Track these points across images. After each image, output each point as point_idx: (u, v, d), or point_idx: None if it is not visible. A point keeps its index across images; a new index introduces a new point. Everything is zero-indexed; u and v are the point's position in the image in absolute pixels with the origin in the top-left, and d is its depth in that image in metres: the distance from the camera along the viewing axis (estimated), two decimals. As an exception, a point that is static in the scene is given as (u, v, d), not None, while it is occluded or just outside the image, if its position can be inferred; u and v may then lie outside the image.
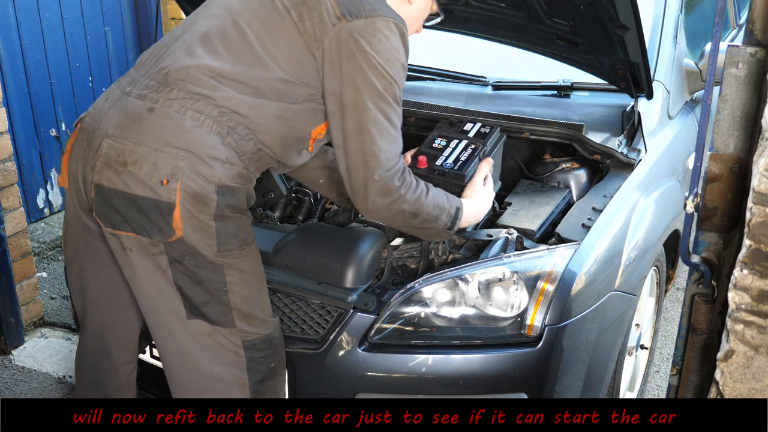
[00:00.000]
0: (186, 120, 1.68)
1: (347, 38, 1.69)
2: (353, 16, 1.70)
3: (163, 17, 4.45)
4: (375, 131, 1.72)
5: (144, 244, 1.69)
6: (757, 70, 1.38)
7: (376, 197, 1.75)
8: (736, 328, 1.25)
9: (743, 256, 1.21)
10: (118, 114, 1.72)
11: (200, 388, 1.80)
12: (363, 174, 1.74)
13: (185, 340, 1.77)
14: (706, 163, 1.48)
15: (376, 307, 1.94)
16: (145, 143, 1.66)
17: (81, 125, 1.80)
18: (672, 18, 2.79)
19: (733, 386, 1.29)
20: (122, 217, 1.68)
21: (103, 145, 1.69)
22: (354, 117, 1.72)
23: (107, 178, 1.68)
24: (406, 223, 1.85)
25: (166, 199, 1.64)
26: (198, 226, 1.67)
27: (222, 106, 1.70)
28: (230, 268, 1.73)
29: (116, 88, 1.81)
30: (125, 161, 1.67)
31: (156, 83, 1.73)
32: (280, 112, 1.74)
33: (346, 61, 1.70)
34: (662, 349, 3.05)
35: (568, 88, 2.70)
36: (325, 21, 1.70)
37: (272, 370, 1.85)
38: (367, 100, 1.70)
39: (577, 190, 2.38)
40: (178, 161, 1.64)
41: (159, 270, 1.71)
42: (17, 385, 2.79)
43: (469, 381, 1.88)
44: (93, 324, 1.98)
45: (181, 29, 1.84)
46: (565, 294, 1.89)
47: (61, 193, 4.14)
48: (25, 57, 3.78)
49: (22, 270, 3.03)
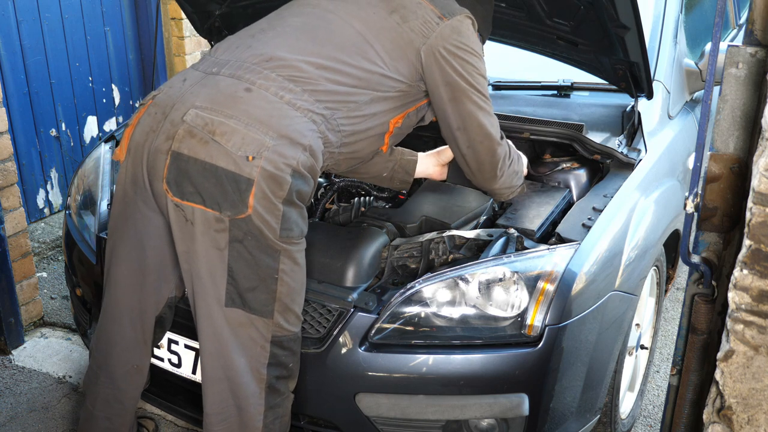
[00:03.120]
0: (282, 104, 1.76)
1: (450, 34, 1.94)
2: (450, 15, 1.96)
3: (163, 17, 4.45)
4: (486, 106, 2.02)
5: (209, 218, 1.71)
6: (757, 70, 1.38)
7: (501, 158, 2.09)
8: (736, 328, 1.25)
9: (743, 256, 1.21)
10: (206, 89, 1.78)
11: (226, 376, 1.82)
12: (489, 145, 2.04)
13: (221, 327, 1.79)
14: (706, 163, 1.48)
15: (376, 306, 1.94)
16: (236, 117, 1.72)
17: (153, 101, 1.84)
18: (672, 18, 2.79)
19: (733, 386, 1.29)
20: (195, 187, 1.70)
21: (189, 114, 1.73)
22: (470, 98, 1.98)
23: (189, 147, 1.71)
24: (507, 180, 2.16)
25: (247, 174, 1.68)
26: (268, 207, 1.70)
27: (318, 95, 1.81)
28: (286, 256, 1.76)
29: (194, 71, 1.88)
30: (214, 131, 1.70)
31: (252, 65, 1.81)
32: (371, 101, 1.90)
33: (455, 53, 1.94)
34: (662, 349, 3.05)
35: (568, 88, 2.70)
36: (429, 21, 1.94)
37: (290, 371, 1.87)
38: (475, 82, 1.99)
39: (577, 190, 2.38)
40: (266, 140, 1.70)
41: (216, 249, 1.73)
42: (17, 385, 2.79)
43: (469, 381, 1.88)
44: (111, 305, 1.99)
45: (266, 24, 1.98)
46: (566, 294, 1.89)
47: (61, 193, 4.14)
48: (25, 57, 3.78)
49: (22, 270, 3.03)
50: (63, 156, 4.11)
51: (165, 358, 2.14)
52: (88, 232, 2.42)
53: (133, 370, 2.02)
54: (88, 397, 2.08)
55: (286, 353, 1.84)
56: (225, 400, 1.84)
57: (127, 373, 2.02)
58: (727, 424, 1.32)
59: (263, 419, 1.84)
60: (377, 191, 2.52)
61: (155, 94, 1.86)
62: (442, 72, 1.94)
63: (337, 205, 2.45)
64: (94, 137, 4.30)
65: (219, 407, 1.85)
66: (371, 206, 2.36)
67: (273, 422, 1.86)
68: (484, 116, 2.01)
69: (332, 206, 2.47)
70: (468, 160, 2.07)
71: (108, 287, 2.00)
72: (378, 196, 2.50)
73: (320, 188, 2.51)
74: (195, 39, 4.57)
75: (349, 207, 2.39)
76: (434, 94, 1.99)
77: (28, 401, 2.70)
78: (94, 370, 2.06)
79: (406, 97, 1.98)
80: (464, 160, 2.08)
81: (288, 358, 1.85)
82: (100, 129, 4.34)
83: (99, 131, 4.33)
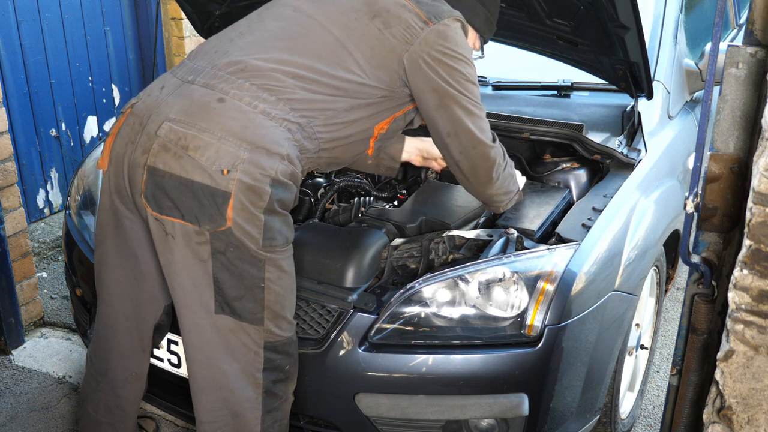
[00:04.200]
0: (256, 114, 1.72)
1: (435, 40, 1.85)
2: (437, 19, 1.86)
3: (163, 17, 4.45)
4: (476, 110, 1.94)
5: (189, 232, 1.70)
6: (757, 70, 1.38)
7: (495, 161, 2.01)
8: (736, 328, 1.25)
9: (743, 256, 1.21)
10: (180, 100, 1.75)
11: (217, 384, 1.81)
12: (481, 150, 1.96)
13: (210, 335, 1.78)
14: (706, 163, 1.48)
15: (376, 306, 1.94)
16: (209, 131, 1.69)
17: (132, 110, 1.81)
18: (672, 18, 2.79)
19: (733, 386, 1.29)
20: (173, 202, 1.69)
21: (163, 128, 1.70)
22: (458, 104, 1.90)
23: (164, 162, 1.69)
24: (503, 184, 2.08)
25: (224, 188, 1.66)
26: (248, 218, 1.68)
27: (294, 104, 1.77)
28: (271, 265, 1.74)
29: (172, 77, 1.84)
30: (186, 146, 1.68)
31: (226, 74, 1.77)
32: (350, 108, 1.85)
33: (440, 59, 1.86)
34: (662, 349, 3.05)
35: (568, 88, 2.70)
36: (413, 26, 1.85)
37: (287, 373, 1.86)
38: (463, 89, 1.90)
39: (577, 190, 2.38)
40: (240, 152, 1.67)
41: (199, 261, 1.72)
42: (17, 385, 2.79)
43: (469, 381, 1.88)
44: (107, 313, 1.98)
45: (246, 26, 1.91)
46: (565, 294, 1.89)
47: (61, 193, 4.14)
48: (25, 57, 3.78)
49: (22, 270, 3.03)
50: (63, 156, 4.11)
51: (165, 359, 2.14)
52: (88, 232, 2.42)
53: (132, 377, 2.02)
54: (90, 404, 2.07)
55: (281, 357, 1.83)
56: (218, 408, 1.82)
57: (126, 380, 2.01)
58: (727, 424, 1.32)
59: (261, 423, 1.83)
60: (377, 191, 2.52)
61: (134, 102, 1.83)
62: (427, 79, 1.86)
63: (337, 205, 2.45)
64: (94, 137, 4.30)
65: (212, 415, 1.84)
66: (371, 206, 2.36)
67: (271, 426, 1.86)
68: (474, 121, 1.93)
69: (332, 206, 2.47)
70: (461, 166, 1.99)
71: (102, 295, 1.98)
72: (378, 196, 2.50)
73: (320, 188, 2.51)
74: (195, 39, 4.56)
75: (349, 207, 2.39)
76: (420, 100, 1.92)
77: (28, 401, 2.70)
78: (94, 377, 2.05)
79: (389, 102, 1.91)
80: (457, 166, 2.01)
81: (284, 361, 1.84)
82: (100, 129, 4.34)
83: (99, 131, 4.33)
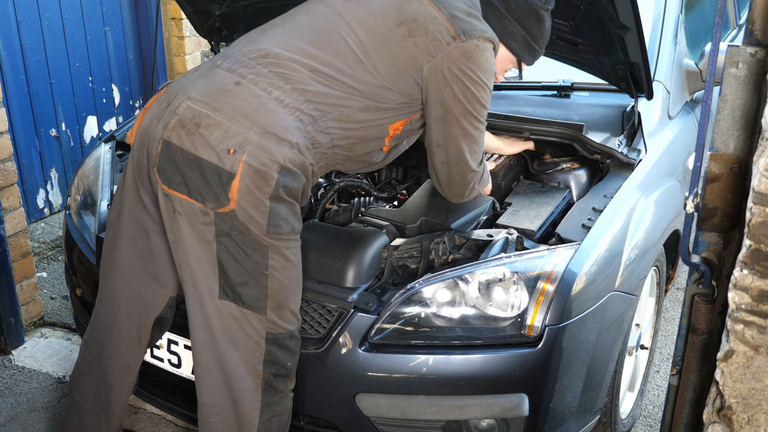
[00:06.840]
0: (269, 99, 1.76)
1: (459, 57, 1.84)
2: (467, 37, 1.84)
3: (163, 17, 4.45)
4: (475, 133, 1.93)
5: (195, 210, 1.72)
6: (757, 70, 1.38)
7: (471, 182, 2.03)
8: (736, 328, 1.25)
9: (743, 256, 1.21)
10: (204, 82, 1.81)
11: (218, 368, 1.82)
12: (462, 168, 1.96)
13: (213, 318, 1.79)
14: (706, 163, 1.48)
15: (376, 307, 1.94)
16: (222, 111, 1.74)
17: (166, 88, 1.88)
18: (672, 18, 2.79)
19: (733, 386, 1.29)
20: (182, 177, 1.73)
21: (182, 106, 1.77)
22: (459, 124, 1.90)
23: (178, 137, 1.74)
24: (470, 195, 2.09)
25: (229, 167, 1.69)
26: (253, 202, 1.70)
27: (308, 96, 1.79)
28: (275, 252, 1.76)
29: (209, 61, 1.91)
30: (199, 123, 1.73)
31: (248, 60, 1.82)
32: (366, 108, 1.86)
33: (458, 76, 1.84)
34: (662, 349, 3.05)
35: (568, 88, 2.70)
36: (439, 39, 1.84)
37: (288, 370, 1.87)
38: (471, 110, 1.89)
39: (577, 190, 2.38)
40: (250, 134, 1.71)
41: (204, 242, 1.74)
42: (17, 385, 2.79)
43: (469, 381, 1.88)
44: (110, 294, 1.99)
45: (281, 18, 1.97)
46: (566, 294, 1.89)
47: (61, 193, 4.14)
48: (25, 57, 3.78)
49: (22, 270, 3.03)
50: (63, 156, 4.11)
51: (165, 359, 2.14)
52: (88, 232, 2.42)
53: (125, 368, 2.01)
54: (78, 391, 2.06)
55: (282, 351, 1.83)
56: (220, 391, 1.83)
57: (118, 369, 2.01)
58: (727, 424, 1.32)
59: (260, 415, 1.84)
60: (377, 191, 2.52)
61: (170, 82, 1.91)
62: (439, 92, 1.87)
63: (337, 205, 2.45)
64: (94, 137, 4.30)
65: (214, 398, 1.84)
66: (371, 206, 2.36)
67: (270, 419, 1.86)
68: (468, 143, 1.94)
69: (332, 206, 2.47)
70: (439, 175, 2.01)
71: (108, 275, 1.99)
72: (378, 197, 2.50)
73: (320, 188, 2.51)
74: (195, 39, 4.57)
75: (349, 207, 2.39)
76: (427, 107, 1.93)
77: (28, 401, 2.70)
78: (87, 361, 2.04)
79: (407, 108, 1.93)
80: (435, 173, 2.02)
81: (285, 357, 1.84)
82: (100, 129, 4.34)
83: (99, 131, 4.33)
